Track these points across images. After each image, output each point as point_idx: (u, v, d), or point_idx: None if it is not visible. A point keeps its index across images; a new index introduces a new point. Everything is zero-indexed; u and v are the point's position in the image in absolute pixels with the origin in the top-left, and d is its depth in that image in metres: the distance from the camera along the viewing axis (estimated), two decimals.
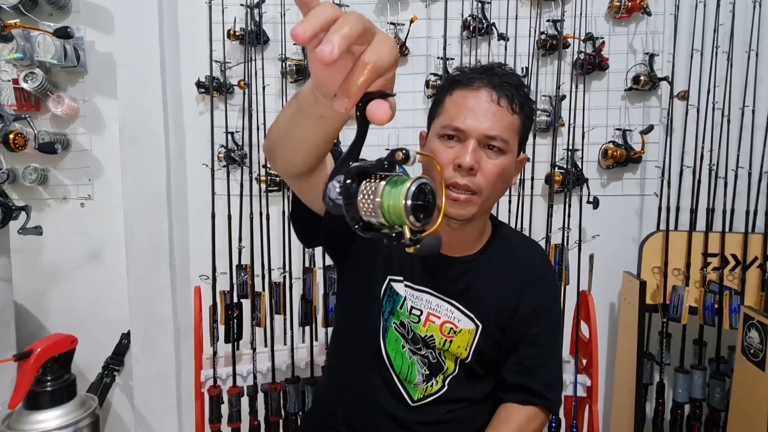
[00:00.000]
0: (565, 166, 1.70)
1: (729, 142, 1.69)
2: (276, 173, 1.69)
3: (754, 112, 1.69)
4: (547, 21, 1.70)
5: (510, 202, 1.69)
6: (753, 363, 1.49)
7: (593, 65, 1.71)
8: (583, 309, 1.59)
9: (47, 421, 1.23)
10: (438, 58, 1.71)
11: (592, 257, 1.64)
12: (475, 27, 1.67)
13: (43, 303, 1.89)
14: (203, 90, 1.75)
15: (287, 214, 1.70)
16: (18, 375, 1.22)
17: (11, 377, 1.28)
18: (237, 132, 1.73)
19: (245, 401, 1.64)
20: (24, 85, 1.66)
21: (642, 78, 1.71)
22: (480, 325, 0.97)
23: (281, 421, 1.67)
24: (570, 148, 1.69)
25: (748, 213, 1.69)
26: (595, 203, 1.65)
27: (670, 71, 1.69)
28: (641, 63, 1.74)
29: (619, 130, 1.76)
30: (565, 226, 1.64)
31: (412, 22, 1.65)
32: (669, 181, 1.70)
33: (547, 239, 1.67)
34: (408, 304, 0.98)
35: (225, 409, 1.61)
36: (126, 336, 1.83)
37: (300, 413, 1.65)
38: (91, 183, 1.83)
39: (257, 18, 1.69)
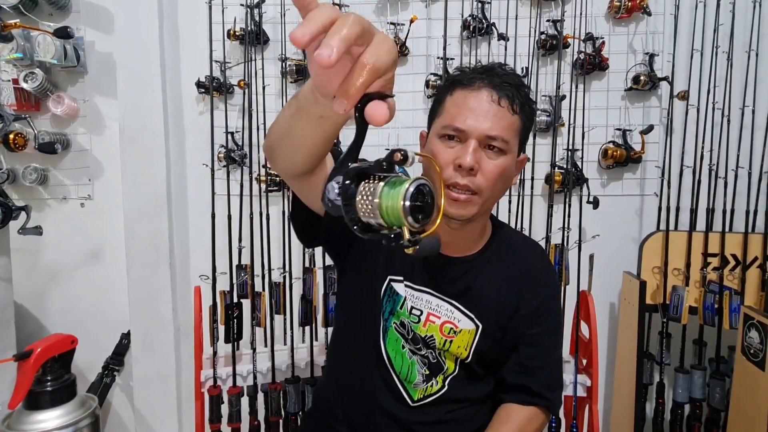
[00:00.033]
0: (565, 166, 1.70)
1: (729, 142, 1.69)
2: (276, 173, 1.69)
3: (754, 112, 1.68)
4: (547, 21, 1.70)
5: (510, 202, 1.69)
6: (753, 363, 1.49)
7: (593, 65, 1.71)
8: (583, 309, 1.59)
9: (47, 421, 1.22)
10: (438, 58, 1.71)
11: (592, 257, 1.64)
12: (475, 27, 1.67)
13: (43, 303, 1.89)
14: (203, 90, 1.75)
15: (287, 214, 1.70)
16: (18, 375, 1.22)
17: (11, 377, 1.28)
18: (237, 132, 1.73)
19: (245, 401, 1.64)
20: (24, 85, 1.66)
21: (642, 78, 1.71)
22: (480, 325, 0.97)
23: (281, 421, 1.67)
24: (570, 148, 1.68)
25: (748, 213, 1.69)
26: (595, 203, 1.65)
27: (670, 71, 1.69)
28: (641, 63, 1.74)
29: (619, 130, 1.76)
30: (565, 226, 1.64)
31: (412, 22, 1.65)
32: (669, 181, 1.70)
33: (547, 239, 1.67)
34: (408, 304, 0.98)
35: (225, 409, 1.61)
36: (126, 336, 1.83)
37: (300, 413, 1.65)
38: (91, 183, 1.83)
39: (257, 18, 1.69)
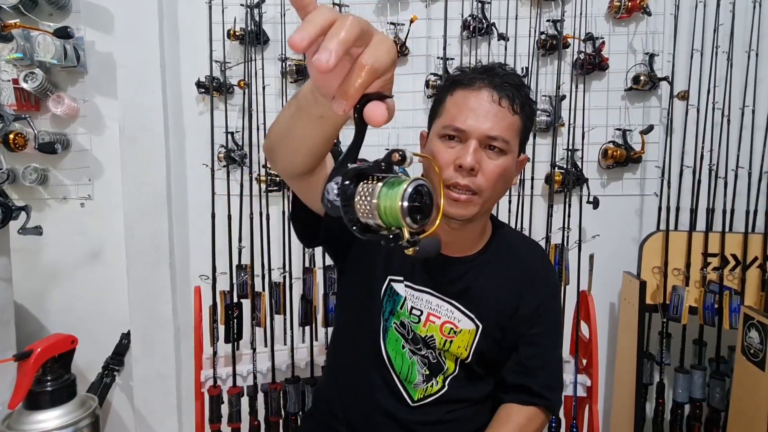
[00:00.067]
0: (565, 166, 1.70)
1: (729, 142, 1.69)
2: (276, 173, 1.69)
3: (754, 112, 1.68)
4: (547, 21, 1.70)
5: (510, 202, 1.69)
6: (753, 363, 1.49)
7: (593, 65, 1.71)
8: (583, 309, 1.59)
9: (47, 421, 1.22)
10: (438, 58, 1.71)
11: (592, 257, 1.64)
12: (475, 27, 1.67)
13: (43, 303, 1.89)
14: (203, 90, 1.75)
15: (287, 214, 1.70)
16: (18, 375, 1.22)
17: (11, 377, 1.28)
18: (237, 132, 1.73)
19: (245, 401, 1.64)
20: (24, 85, 1.66)
21: (642, 78, 1.71)
22: (480, 326, 0.97)
23: (281, 421, 1.67)
24: (570, 148, 1.68)
25: (748, 213, 1.69)
26: (595, 203, 1.65)
27: (670, 71, 1.69)
28: (641, 63, 1.74)
29: (619, 130, 1.76)
30: (565, 226, 1.64)
31: (412, 22, 1.65)
32: (669, 181, 1.70)
33: (547, 239, 1.67)
34: (408, 304, 0.98)
35: (225, 409, 1.61)
36: (126, 336, 1.83)
37: (300, 413, 1.65)
38: (91, 183, 1.83)
39: (257, 18, 1.69)
